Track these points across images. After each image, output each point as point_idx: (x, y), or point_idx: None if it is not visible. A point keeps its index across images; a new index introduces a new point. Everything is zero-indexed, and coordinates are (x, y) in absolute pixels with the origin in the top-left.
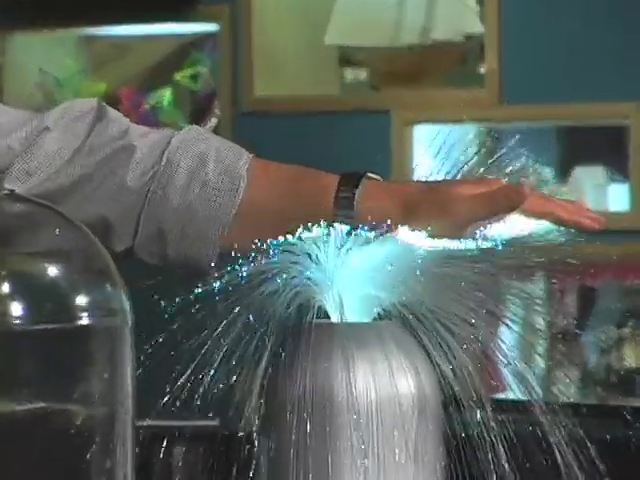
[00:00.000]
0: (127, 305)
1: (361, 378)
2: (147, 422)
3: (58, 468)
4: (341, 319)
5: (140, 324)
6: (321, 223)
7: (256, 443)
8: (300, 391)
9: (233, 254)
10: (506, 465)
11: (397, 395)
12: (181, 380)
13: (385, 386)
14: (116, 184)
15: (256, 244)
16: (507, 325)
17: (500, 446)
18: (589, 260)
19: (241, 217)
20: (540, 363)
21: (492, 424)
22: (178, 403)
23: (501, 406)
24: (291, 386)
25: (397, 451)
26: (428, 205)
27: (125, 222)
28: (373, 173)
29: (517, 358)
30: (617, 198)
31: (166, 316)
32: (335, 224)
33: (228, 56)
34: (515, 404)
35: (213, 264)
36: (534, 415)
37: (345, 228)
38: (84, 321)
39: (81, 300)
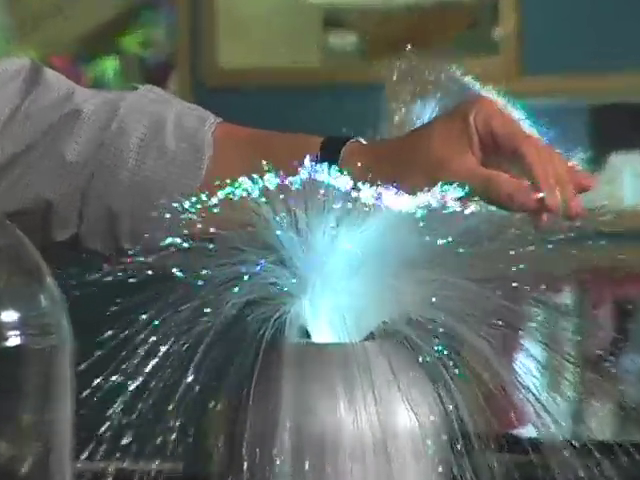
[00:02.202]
0: (65, 321)
1: (347, 411)
2: (88, 464)
3: None
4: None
5: (82, 342)
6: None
7: None
8: (273, 428)
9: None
10: None
11: (392, 431)
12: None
13: (378, 420)
14: (57, 158)
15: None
16: (527, 347)
17: None
18: (625, 267)
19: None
20: (567, 393)
21: (508, 466)
22: (128, 440)
23: (518, 445)
24: (262, 422)
25: None
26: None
27: (68, 204)
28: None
29: (539, 387)
30: None
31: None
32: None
33: (187, 17)
34: (535, 443)
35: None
36: (558, 456)
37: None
38: (12, 341)
39: (8, 316)
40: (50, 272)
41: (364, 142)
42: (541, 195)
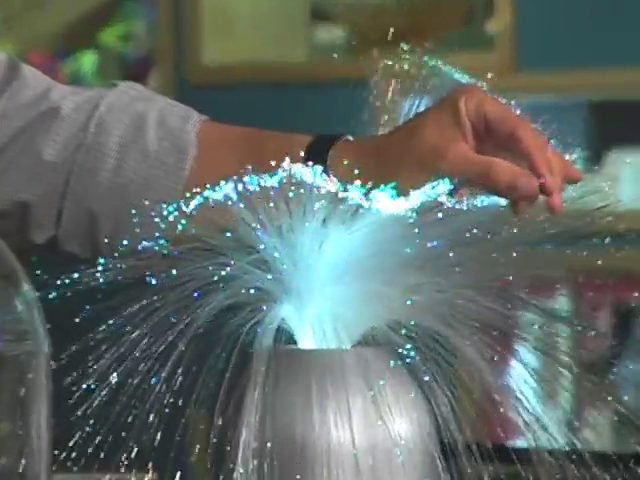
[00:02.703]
0: (42, 326)
1: (335, 421)
2: (66, 476)
3: None
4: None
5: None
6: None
7: None
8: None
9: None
10: None
11: (382, 442)
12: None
13: (367, 431)
14: (34, 158)
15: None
16: (521, 353)
17: None
18: (625, 269)
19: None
20: (563, 402)
21: (497, 477)
22: (106, 452)
23: (513, 456)
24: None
25: None
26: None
27: (46, 205)
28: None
29: (533, 396)
30: None
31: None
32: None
33: (169, 11)
34: (530, 453)
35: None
36: (554, 467)
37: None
38: None
39: None
40: (26, 277)
41: (353, 139)
42: (542, 181)
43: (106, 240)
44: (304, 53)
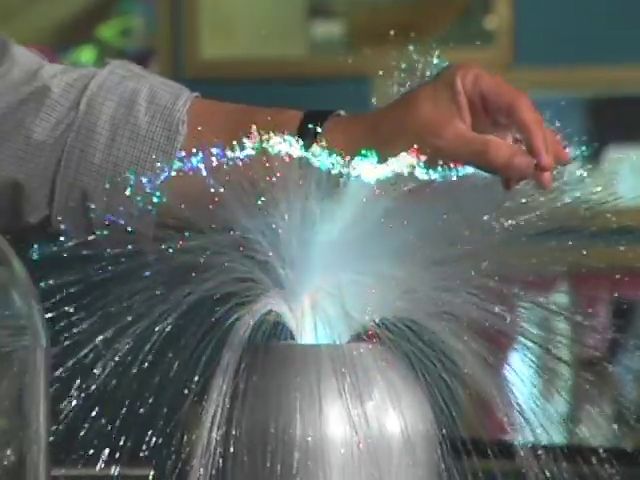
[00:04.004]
0: (40, 320)
1: (332, 415)
2: (65, 471)
3: None
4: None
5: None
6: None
7: None
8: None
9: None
10: None
11: (380, 436)
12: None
13: (364, 425)
14: (25, 137)
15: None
16: (519, 348)
17: None
18: (624, 266)
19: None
20: (562, 397)
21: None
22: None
23: (511, 451)
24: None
25: None
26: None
27: (38, 185)
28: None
29: (532, 390)
30: None
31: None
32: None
33: (167, 6)
34: (529, 448)
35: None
36: (553, 463)
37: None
38: None
39: None
40: (25, 272)
41: (346, 115)
42: (539, 159)
43: (99, 218)
44: (302, 48)
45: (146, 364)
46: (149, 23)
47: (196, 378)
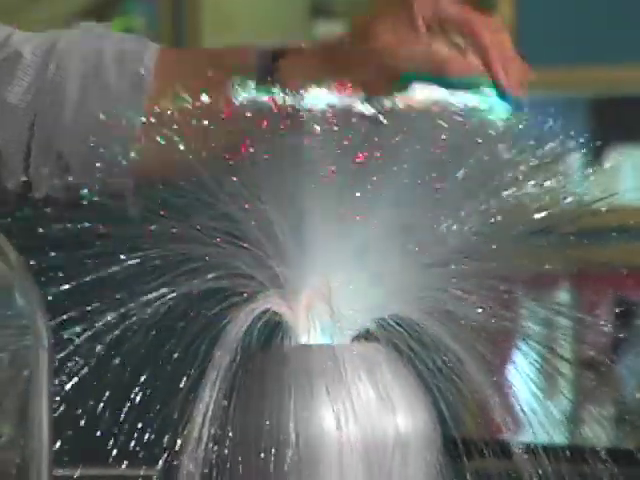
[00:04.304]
0: (42, 319)
1: (328, 415)
2: (67, 471)
3: None
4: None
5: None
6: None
7: None
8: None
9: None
10: None
11: (377, 437)
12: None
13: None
14: None
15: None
16: (521, 347)
17: None
18: (626, 265)
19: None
20: (564, 397)
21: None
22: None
23: (511, 451)
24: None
25: None
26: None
27: (15, 150)
28: None
29: (534, 390)
30: None
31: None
32: None
33: (169, 6)
34: (530, 449)
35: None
36: (555, 463)
37: None
38: None
39: None
40: (27, 271)
41: (304, 47)
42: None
43: (76, 178)
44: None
45: (142, 360)
46: (150, 23)
47: (191, 375)
